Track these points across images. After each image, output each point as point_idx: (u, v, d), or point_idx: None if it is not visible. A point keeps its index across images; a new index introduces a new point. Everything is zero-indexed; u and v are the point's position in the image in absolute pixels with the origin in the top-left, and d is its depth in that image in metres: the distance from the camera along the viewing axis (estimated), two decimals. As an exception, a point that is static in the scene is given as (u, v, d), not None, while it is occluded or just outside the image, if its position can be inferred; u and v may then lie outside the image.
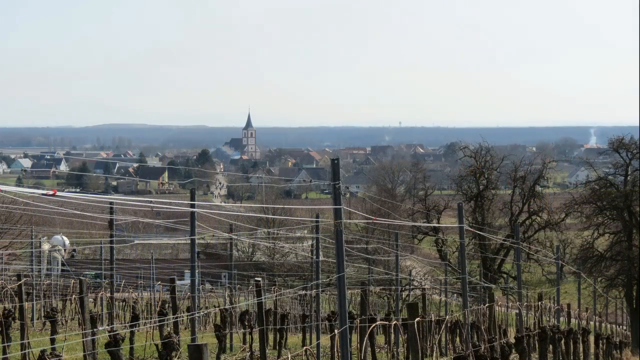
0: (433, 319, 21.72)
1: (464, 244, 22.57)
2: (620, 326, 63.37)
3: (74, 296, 33.40)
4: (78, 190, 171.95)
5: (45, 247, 69.40)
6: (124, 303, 41.62)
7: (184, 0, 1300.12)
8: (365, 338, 16.52)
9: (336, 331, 16.08)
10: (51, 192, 10.88)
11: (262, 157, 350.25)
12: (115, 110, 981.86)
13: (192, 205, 20.34)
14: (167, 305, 25.60)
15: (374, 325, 18.13)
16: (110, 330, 16.18)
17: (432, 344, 20.16)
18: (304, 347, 16.89)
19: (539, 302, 36.27)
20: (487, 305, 23.96)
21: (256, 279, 23.03)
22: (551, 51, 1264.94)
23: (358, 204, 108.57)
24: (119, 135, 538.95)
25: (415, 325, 14.10)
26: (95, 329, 19.72)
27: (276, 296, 33.58)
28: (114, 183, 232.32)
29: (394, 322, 20.47)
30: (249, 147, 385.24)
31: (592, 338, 36.91)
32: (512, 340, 19.97)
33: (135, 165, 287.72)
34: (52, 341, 21.88)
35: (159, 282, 44.59)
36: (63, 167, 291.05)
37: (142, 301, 43.60)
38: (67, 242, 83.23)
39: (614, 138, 61.86)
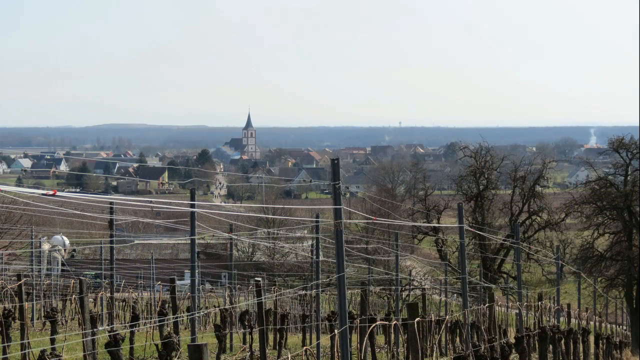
0: (433, 319, 21.71)
1: (464, 244, 22.56)
2: (620, 326, 63.32)
3: (74, 296, 33.36)
4: (78, 190, 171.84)
5: (45, 247, 69.38)
6: (124, 303, 41.59)
7: (184, 0, 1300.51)
8: (365, 338, 16.52)
9: (336, 331, 16.07)
10: (51, 192, 10.87)
11: (262, 157, 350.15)
12: (115, 110, 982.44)
13: (192, 205, 20.33)
14: (167, 305, 25.57)
15: (374, 325, 18.12)
16: (110, 330, 16.15)
17: (432, 344, 20.16)
18: (304, 347, 16.89)
19: (539, 302, 36.24)
20: (487, 305, 23.94)
21: (256, 279, 23.01)
22: (551, 51, 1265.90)
23: (358, 204, 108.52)
24: (119, 135, 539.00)
25: (415, 325, 14.08)
26: (95, 329, 19.69)
27: (276, 296, 33.53)
28: (114, 183, 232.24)
29: (394, 322, 20.49)
30: (249, 147, 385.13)
31: (592, 338, 36.90)
32: (512, 340, 19.95)
33: (135, 165, 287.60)
34: (52, 341, 21.86)
35: (159, 282, 44.57)
36: (63, 167, 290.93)
37: (142, 301, 43.59)
38: (67, 242, 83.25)
39: (614, 138, 61.88)
